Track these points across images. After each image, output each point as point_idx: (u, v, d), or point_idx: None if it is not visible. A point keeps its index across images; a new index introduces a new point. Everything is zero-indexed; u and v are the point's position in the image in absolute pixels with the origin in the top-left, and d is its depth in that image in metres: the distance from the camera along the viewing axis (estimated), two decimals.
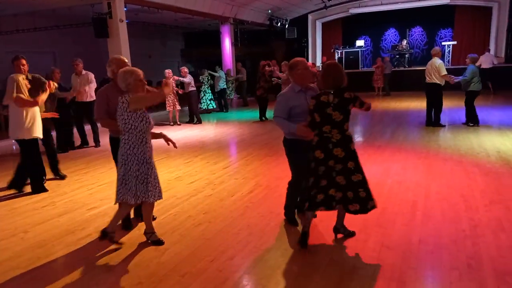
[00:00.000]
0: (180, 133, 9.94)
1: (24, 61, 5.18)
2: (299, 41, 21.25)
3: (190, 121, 11.72)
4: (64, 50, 15.50)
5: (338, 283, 2.92)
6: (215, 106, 13.89)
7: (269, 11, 18.57)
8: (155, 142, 3.76)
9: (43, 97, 5.21)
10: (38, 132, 5.23)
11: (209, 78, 13.45)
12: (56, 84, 6.18)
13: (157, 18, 15.69)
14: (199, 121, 11.63)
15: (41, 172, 5.52)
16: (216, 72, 13.86)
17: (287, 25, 20.81)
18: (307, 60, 19.69)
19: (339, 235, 3.64)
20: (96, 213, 4.57)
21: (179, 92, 11.14)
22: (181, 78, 11.74)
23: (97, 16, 11.92)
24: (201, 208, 4.60)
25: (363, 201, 3.32)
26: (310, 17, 21.32)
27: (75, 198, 5.15)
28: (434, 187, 4.89)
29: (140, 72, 3.44)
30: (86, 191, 5.45)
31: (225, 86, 14.05)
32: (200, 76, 13.31)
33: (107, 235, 3.55)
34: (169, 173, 6.20)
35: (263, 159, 6.73)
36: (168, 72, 10.86)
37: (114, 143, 3.75)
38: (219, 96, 14.04)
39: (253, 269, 3.18)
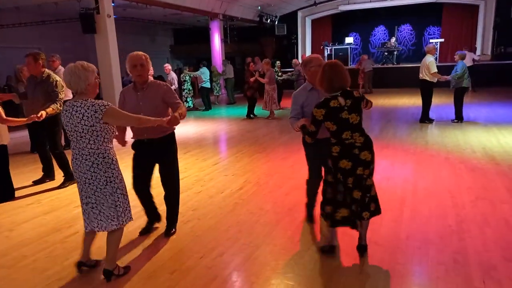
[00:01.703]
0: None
1: None
2: (289, 38, 21.26)
3: None
4: (50, 46, 15.24)
5: (328, 279, 2.93)
6: (191, 105, 13.48)
7: (259, 7, 18.53)
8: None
9: None
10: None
11: (191, 76, 13.26)
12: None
13: (145, 14, 15.54)
14: None
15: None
16: (200, 69, 13.48)
17: (276, 22, 20.81)
18: (297, 57, 19.80)
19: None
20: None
21: None
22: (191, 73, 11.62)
23: (84, 12, 11.75)
24: (190, 205, 4.58)
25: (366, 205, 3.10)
26: (299, 13, 21.33)
27: (61, 196, 5.09)
28: (421, 183, 4.95)
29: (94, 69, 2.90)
30: (72, 188, 5.38)
31: (208, 85, 13.58)
32: (181, 74, 13.12)
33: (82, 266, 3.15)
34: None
35: (252, 156, 6.73)
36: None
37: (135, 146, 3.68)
38: (202, 94, 13.63)
39: (242, 266, 3.18)
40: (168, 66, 11.16)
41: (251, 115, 11.22)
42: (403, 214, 4.03)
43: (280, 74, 12.24)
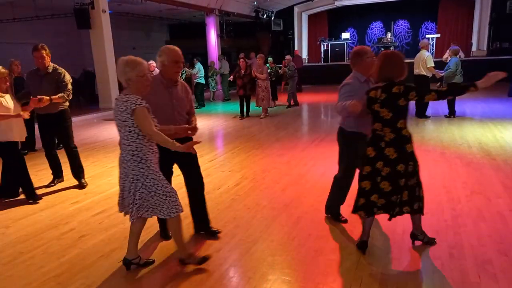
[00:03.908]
0: None
1: None
2: (285, 33, 21.22)
3: None
4: (45, 41, 15.13)
5: (324, 274, 2.94)
6: None
7: (255, 2, 18.47)
8: None
9: None
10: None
11: (183, 72, 12.99)
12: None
13: (141, 9, 15.45)
14: None
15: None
16: (194, 65, 13.24)
17: (273, 17, 20.75)
18: (292, 53, 19.77)
19: (417, 242, 3.31)
20: (80, 207, 4.50)
21: None
22: (188, 70, 11.42)
23: (79, 7, 11.68)
24: (186, 201, 4.55)
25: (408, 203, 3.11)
26: (296, 9, 21.28)
27: (58, 193, 5.07)
28: None
29: (143, 66, 2.81)
30: (68, 185, 5.36)
31: (203, 81, 13.30)
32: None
33: (185, 262, 3.11)
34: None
35: (249, 152, 6.73)
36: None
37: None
38: (197, 90, 13.32)
39: (239, 261, 3.19)
40: (153, 63, 10.69)
41: (243, 114, 10.53)
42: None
43: (275, 69, 11.99)
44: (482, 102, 11.12)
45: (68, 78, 5.00)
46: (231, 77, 11.12)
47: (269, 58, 12.41)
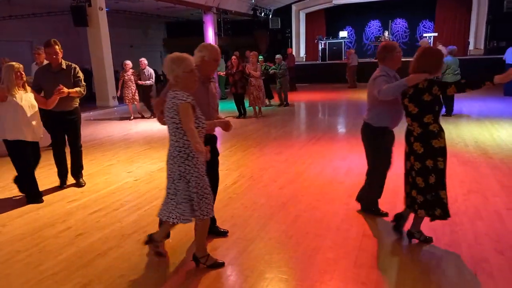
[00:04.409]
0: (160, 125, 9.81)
1: None
2: (283, 31, 21.20)
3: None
4: (42, 39, 15.04)
5: (321, 272, 2.95)
6: None
7: (253, 0, 18.43)
8: (134, 132, 3.69)
9: None
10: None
11: None
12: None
13: (138, 7, 15.41)
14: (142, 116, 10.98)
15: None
16: None
17: (270, 15, 20.72)
18: (282, 52, 19.77)
19: (414, 240, 3.34)
20: (77, 206, 4.49)
21: (141, 83, 10.43)
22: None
23: (76, 4, 11.63)
24: None
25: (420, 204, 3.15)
26: (293, 7, 21.26)
27: (55, 191, 5.05)
28: None
29: (190, 62, 2.81)
30: (66, 183, 5.34)
31: None
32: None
33: (152, 242, 3.10)
34: (152, 164, 6.14)
35: (246, 150, 6.72)
36: (127, 64, 10.32)
37: None
38: None
39: (236, 260, 3.19)
40: (144, 61, 10.66)
41: (241, 113, 10.35)
42: (396, 207, 4.04)
43: (266, 68, 11.75)
44: (479, 100, 11.16)
45: (81, 73, 4.97)
46: (223, 73, 11.03)
47: (260, 57, 12.25)
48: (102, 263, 3.20)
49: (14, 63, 4.30)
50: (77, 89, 4.75)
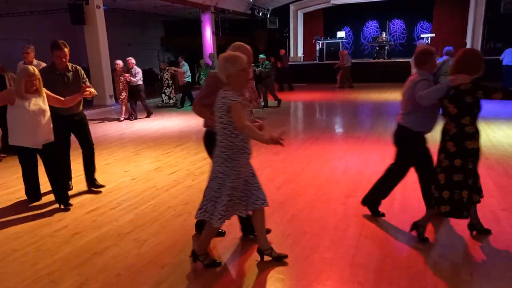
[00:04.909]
0: (158, 124, 9.81)
1: None
2: (281, 31, 21.21)
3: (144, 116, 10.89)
4: (39, 37, 15.00)
5: (318, 272, 2.95)
6: (171, 102, 12.93)
7: (251, 0, 18.42)
8: (131, 132, 3.68)
9: None
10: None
11: (168, 70, 12.61)
12: None
13: (136, 5, 15.38)
14: (150, 114, 10.95)
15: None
16: (180, 64, 12.76)
17: (268, 15, 20.72)
18: (288, 52, 19.78)
19: (474, 232, 3.40)
20: (73, 204, 4.47)
21: (128, 79, 10.14)
22: (176, 69, 11.22)
23: (73, 2, 11.59)
24: (181, 199, 4.57)
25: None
26: (291, 7, 21.27)
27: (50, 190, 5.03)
28: (411, 177, 4.96)
29: (243, 60, 2.82)
30: None
31: (190, 80, 12.84)
32: (166, 68, 12.49)
33: (197, 258, 3.08)
34: (148, 163, 6.13)
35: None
36: (118, 64, 10.18)
37: (210, 137, 3.26)
38: (183, 91, 12.87)
39: (233, 259, 3.19)
40: (131, 60, 10.52)
41: None
42: (393, 207, 4.07)
43: (254, 68, 11.73)
44: None
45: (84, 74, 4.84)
46: None
47: (261, 56, 12.18)
48: (98, 262, 3.19)
49: (30, 67, 4.07)
50: (92, 90, 4.52)
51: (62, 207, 4.34)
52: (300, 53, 22.15)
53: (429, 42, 17.39)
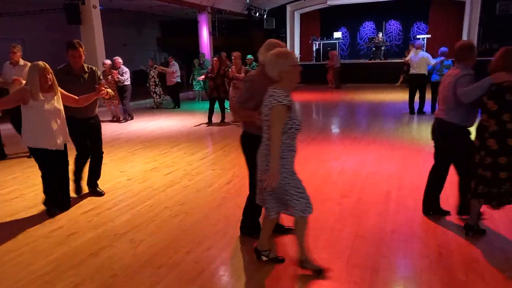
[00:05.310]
0: (156, 124, 9.79)
1: None
2: (278, 31, 21.22)
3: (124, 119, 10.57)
4: (34, 37, 14.98)
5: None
6: (162, 103, 12.83)
7: (247, 0, 18.43)
8: (127, 132, 3.66)
9: None
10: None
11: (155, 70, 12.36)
12: None
13: (132, 5, 15.35)
14: (131, 117, 10.65)
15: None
16: (169, 64, 12.62)
17: (265, 16, 20.72)
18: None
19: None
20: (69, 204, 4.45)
21: (116, 77, 9.80)
22: (163, 68, 11.13)
23: (69, 2, 11.54)
24: (177, 199, 4.56)
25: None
26: (288, 7, 21.28)
27: None
28: (407, 178, 5.01)
29: (294, 56, 2.78)
30: None
31: (179, 80, 12.72)
32: (153, 67, 12.23)
33: (260, 254, 3.11)
34: (145, 163, 6.12)
35: (240, 150, 6.69)
36: (106, 63, 9.99)
37: (249, 140, 3.21)
38: (171, 91, 12.73)
39: (229, 260, 3.19)
40: (118, 59, 10.15)
41: (211, 120, 9.59)
42: (388, 208, 4.08)
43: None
44: None
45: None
46: (202, 76, 10.59)
47: (249, 56, 11.85)
48: (94, 263, 3.18)
49: (40, 62, 3.84)
50: (109, 90, 4.41)
51: (56, 212, 4.21)
52: (296, 53, 22.17)
53: (425, 43, 17.46)
